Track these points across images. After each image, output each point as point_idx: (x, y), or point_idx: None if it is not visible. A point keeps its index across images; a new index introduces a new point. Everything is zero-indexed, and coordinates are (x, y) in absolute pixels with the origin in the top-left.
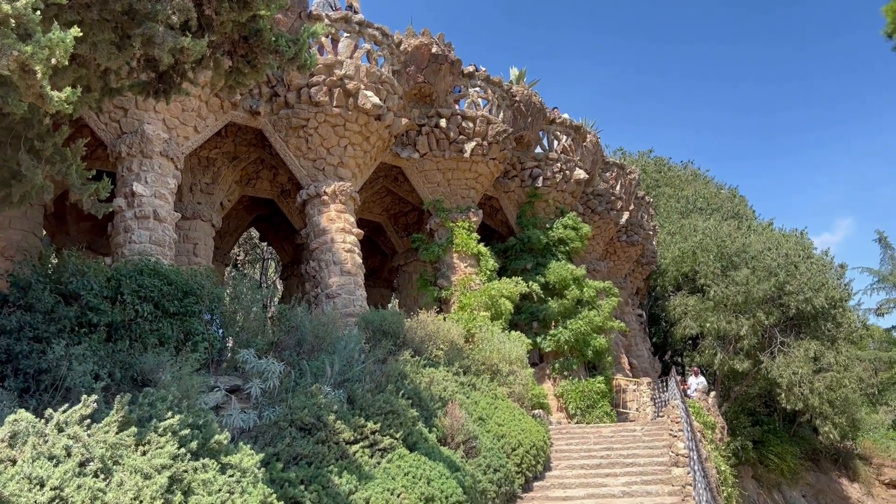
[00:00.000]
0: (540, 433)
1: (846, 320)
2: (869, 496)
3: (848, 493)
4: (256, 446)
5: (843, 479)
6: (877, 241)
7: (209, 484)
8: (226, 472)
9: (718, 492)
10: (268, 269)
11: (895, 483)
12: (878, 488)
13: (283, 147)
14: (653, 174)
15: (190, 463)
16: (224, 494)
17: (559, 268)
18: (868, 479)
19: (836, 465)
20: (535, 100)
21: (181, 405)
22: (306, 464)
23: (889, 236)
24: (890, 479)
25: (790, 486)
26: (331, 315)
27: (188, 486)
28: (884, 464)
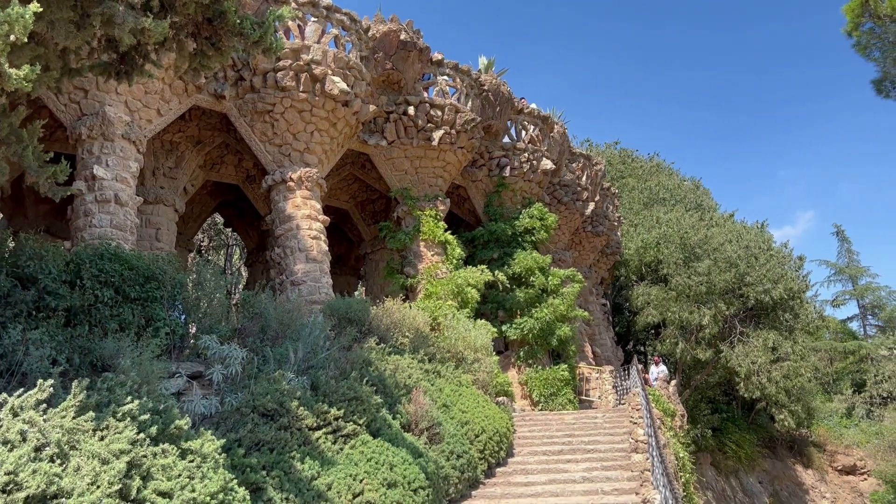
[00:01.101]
0: (503, 420)
1: (803, 311)
2: (822, 482)
3: (802, 479)
4: (218, 432)
5: (797, 465)
6: (834, 235)
7: (169, 469)
8: (186, 458)
9: (676, 477)
10: (232, 256)
11: (847, 469)
12: (832, 474)
13: (248, 132)
14: (618, 165)
15: (149, 448)
16: (184, 480)
17: (525, 257)
18: (822, 466)
19: (791, 452)
20: (504, 89)
21: (141, 391)
22: (268, 450)
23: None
24: (843, 466)
25: (747, 473)
26: (296, 302)
27: (147, 471)
28: (837, 451)
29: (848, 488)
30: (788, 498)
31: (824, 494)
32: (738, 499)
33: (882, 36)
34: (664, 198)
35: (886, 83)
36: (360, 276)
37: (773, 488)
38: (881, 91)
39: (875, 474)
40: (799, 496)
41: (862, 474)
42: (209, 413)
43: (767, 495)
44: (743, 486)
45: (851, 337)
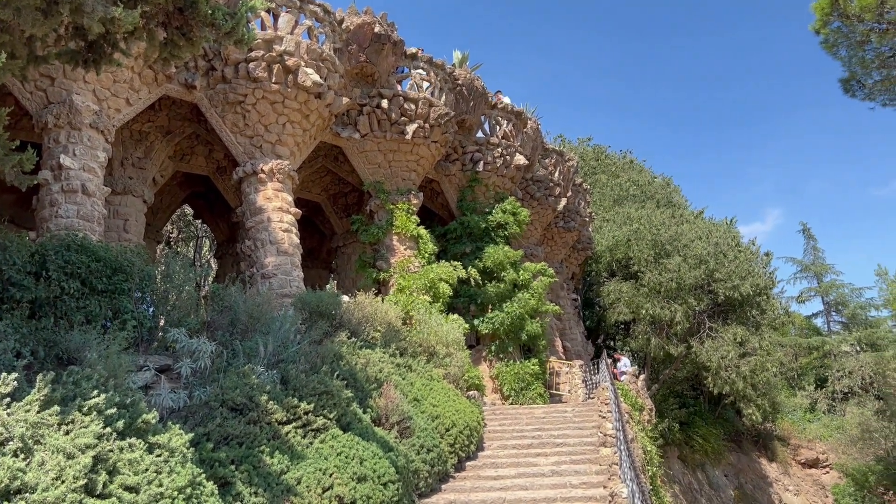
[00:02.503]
0: (474, 414)
1: (770, 307)
2: (786, 475)
3: (766, 472)
4: (186, 426)
5: (762, 459)
6: (801, 233)
7: (136, 464)
8: (153, 452)
9: (644, 471)
10: (202, 248)
11: (810, 463)
12: (795, 468)
13: (219, 123)
14: (591, 162)
15: (116, 442)
16: (151, 474)
17: (497, 251)
18: (785, 460)
19: (756, 446)
20: (478, 84)
21: (108, 384)
22: (237, 444)
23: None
24: (806, 459)
25: (713, 466)
26: (266, 295)
27: (113, 465)
28: (800, 445)
29: (810, 481)
30: (753, 491)
31: (787, 487)
32: (704, 492)
33: (849, 35)
34: (635, 194)
35: (853, 82)
36: (332, 270)
37: (739, 481)
38: (848, 90)
39: (836, 467)
40: (763, 489)
41: (824, 467)
42: (177, 407)
43: (733, 488)
44: (709, 480)
45: (816, 333)
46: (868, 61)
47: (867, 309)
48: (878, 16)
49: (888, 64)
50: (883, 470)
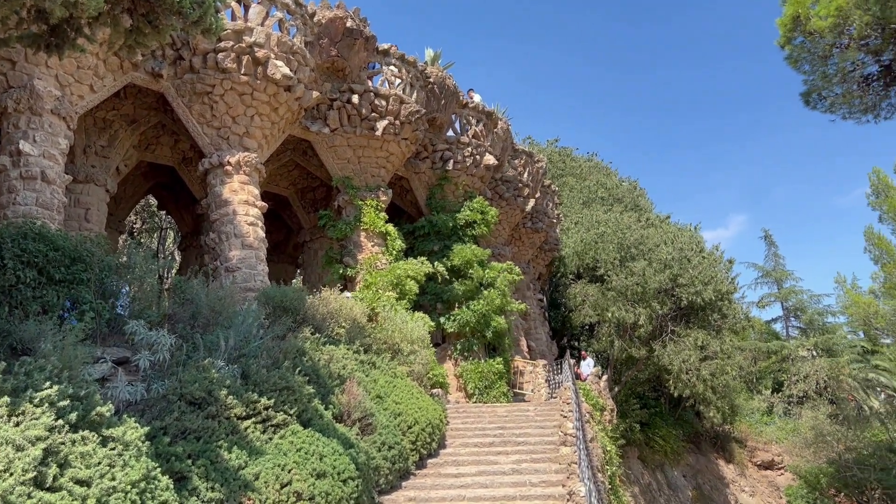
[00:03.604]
0: (437, 412)
1: (731, 312)
2: (742, 476)
3: (724, 473)
4: (143, 420)
5: (720, 460)
6: (763, 239)
7: (88, 457)
8: (107, 445)
9: (602, 470)
10: (166, 240)
11: (766, 464)
12: (751, 469)
13: (185, 113)
14: (558, 164)
15: (68, 435)
16: (104, 468)
17: (464, 250)
18: (742, 461)
19: (714, 448)
20: (450, 83)
21: (62, 376)
22: (195, 438)
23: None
24: (761, 461)
25: (672, 467)
26: (229, 289)
27: (65, 458)
28: (757, 447)
29: (766, 482)
30: (710, 491)
31: (743, 488)
32: (662, 492)
33: (811, 50)
34: (603, 197)
35: (814, 95)
36: (298, 265)
37: (697, 482)
38: (809, 103)
39: (790, 469)
40: (720, 489)
41: (779, 469)
42: (134, 400)
43: (691, 488)
44: (668, 480)
45: (774, 337)
46: (829, 76)
47: (824, 315)
48: (840, 32)
49: (848, 78)
50: (834, 472)
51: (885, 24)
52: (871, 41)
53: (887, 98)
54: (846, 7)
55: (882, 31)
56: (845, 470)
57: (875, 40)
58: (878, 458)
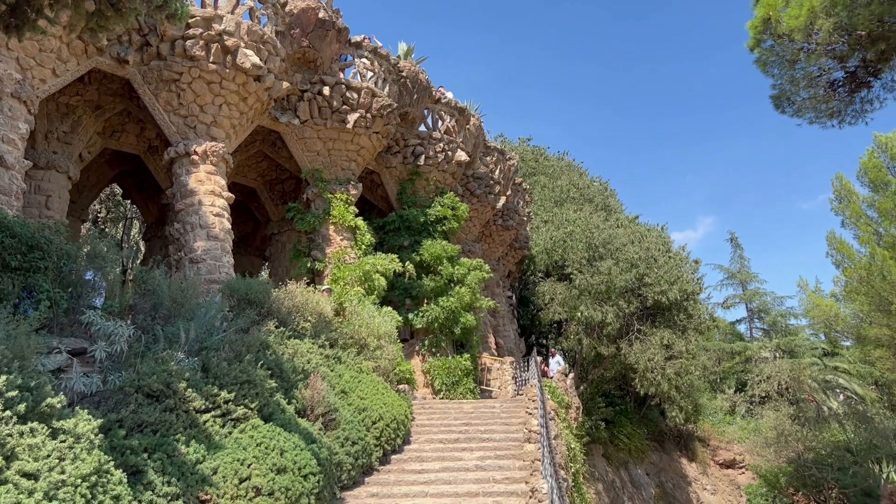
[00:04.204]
0: (402, 407)
1: (697, 312)
2: (704, 475)
3: (686, 471)
4: (98, 412)
5: (683, 458)
6: (729, 241)
7: (36, 449)
8: (57, 438)
9: (566, 468)
10: (131, 229)
11: (727, 463)
12: (713, 468)
13: (152, 100)
14: (530, 162)
15: (15, 427)
16: (53, 461)
17: (435, 245)
18: (704, 460)
19: (677, 446)
20: (422, 77)
21: (12, 366)
22: (152, 432)
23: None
24: (723, 460)
25: (636, 465)
26: (193, 280)
27: (11, 450)
28: (719, 446)
29: (727, 481)
30: (673, 489)
31: (705, 486)
32: (626, 490)
33: (781, 54)
34: (574, 196)
35: (783, 99)
36: (265, 258)
37: (660, 480)
38: (778, 106)
39: (751, 468)
40: (682, 488)
41: (740, 468)
42: (90, 392)
43: (654, 486)
44: (632, 478)
45: (738, 338)
46: (797, 79)
47: (787, 317)
48: (808, 36)
49: (815, 83)
50: (793, 472)
51: (851, 31)
52: (838, 47)
53: (852, 104)
54: (816, 11)
55: (848, 37)
56: (804, 469)
57: (841, 46)
58: (835, 458)
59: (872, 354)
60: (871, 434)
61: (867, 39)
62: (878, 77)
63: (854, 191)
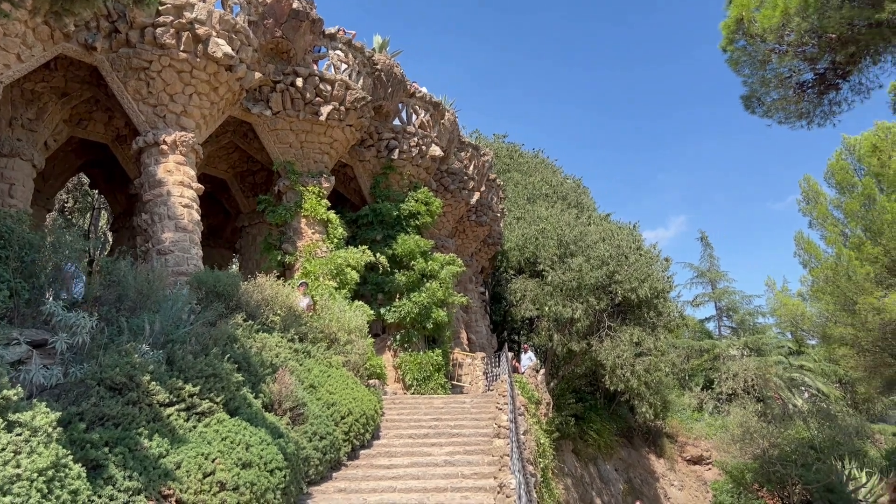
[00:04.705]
0: (372, 402)
1: (666, 310)
2: (672, 471)
3: (654, 467)
4: (58, 405)
5: (651, 454)
6: (699, 240)
7: None
8: (13, 431)
9: (535, 463)
10: (99, 220)
11: (695, 460)
12: (681, 464)
13: (120, 88)
14: (504, 159)
15: None
16: (7, 454)
17: (408, 240)
18: (672, 456)
19: (646, 442)
20: (397, 71)
21: None
22: (113, 425)
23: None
24: (691, 456)
25: (605, 460)
26: (160, 272)
27: None
28: (687, 442)
29: (694, 477)
30: (641, 485)
31: (673, 482)
32: (594, 485)
33: (752, 54)
34: (547, 194)
35: (753, 99)
36: (235, 250)
37: (628, 475)
38: (748, 107)
39: (717, 465)
40: (650, 483)
41: (707, 464)
42: (49, 384)
43: (622, 482)
44: (600, 473)
45: (707, 336)
46: (768, 80)
47: (755, 316)
48: (780, 37)
49: (785, 84)
50: (758, 468)
51: (822, 33)
52: (809, 49)
53: (820, 106)
54: (790, 13)
55: (819, 39)
56: (769, 466)
57: (812, 48)
58: (799, 455)
59: (837, 353)
60: (834, 431)
61: (837, 42)
62: (846, 79)
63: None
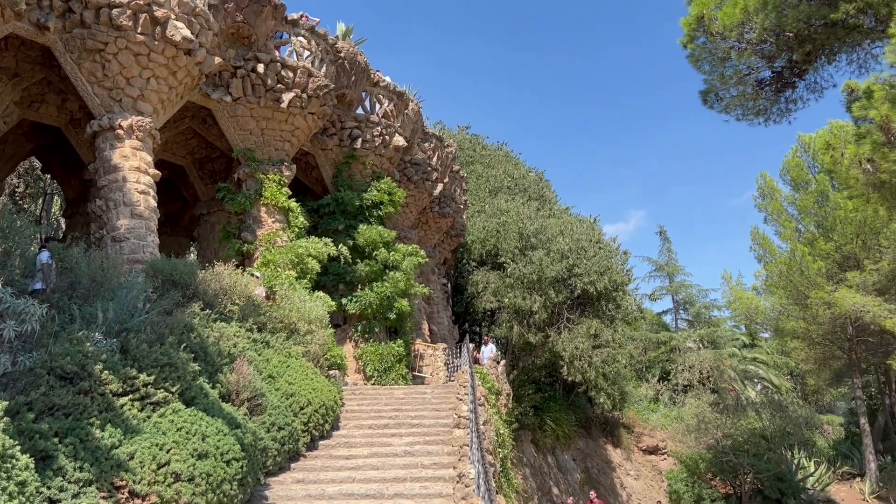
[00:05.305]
0: (332, 393)
1: (625, 303)
2: (628, 461)
3: (611, 457)
4: (5, 394)
5: (608, 445)
6: (658, 234)
7: None
8: None
9: (494, 453)
10: (51, 205)
11: (651, 450)
12: (637, 454)
13: (74, 70)
14: (468, 151)
15: None
16: None
17: (370, 230)
18: (629, 446)
19: (603, 433)
20: (361, 59)
21: None
22: (64, 415)
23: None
24: (647, 446)
25: (563, 450)
26: (114, 259)
27: None
28: (643, 432)
29: (650, 466)
30: (598, 475)
31: (629, 472)
32: (552, 475)
33: (713, 51)
34: (509, 186)
35: (712, 95)
36: (193, 239)
37: (586, 465)
38: (707, 102)
39: (673, 454)
40: (607, 473)
41: (662, 454)
42: None
43: (580, 472)
44: (558, 463)
45: (664, 329)
46: (727, 77)
47: (711, 309)
48: (740, 35)
49: (744, 81)
50: (712, 458)
51: (780, 32)
52: (767, 47)
53: (777, 103)
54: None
55: (777, 38)
56: (722, 455)
57: (770, 46)
58: (751, 445)
59: (788, 346)
60: (784, 422)
61: (795, 41)
62: (802, 78)
63: (777, 188)
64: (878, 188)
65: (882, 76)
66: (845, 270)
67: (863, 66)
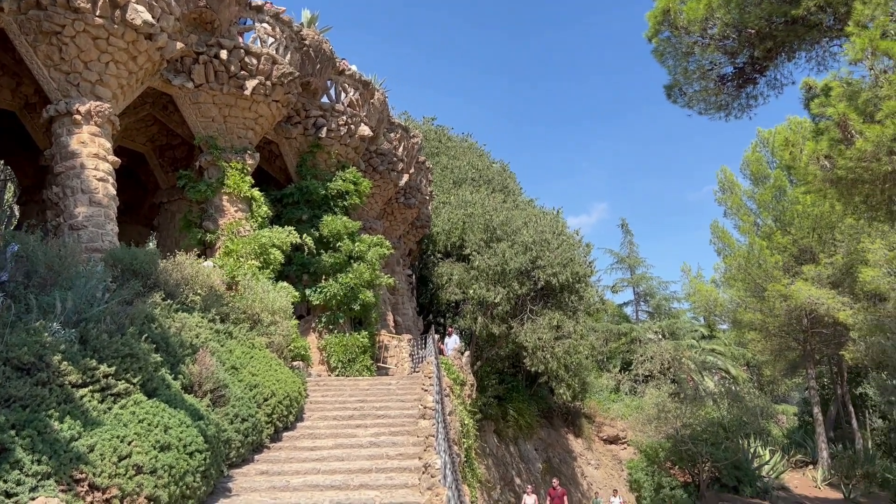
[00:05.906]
0: (296, 384)
1: (587, 294)
2: (589, 450)
3: (572, 447)
4: None
5: (569, 434)
6: (620, 227)
7: None
8: None
9: (459, 443)
10: (4, 192)
11: (611, 439)
12: (598, 443)
13: (29, 53)
14: (433, 142)
15: None
16: None
17: (335, 220)
18: (590, 436)
19: (565, 423)
20: (326, 47)
21: None
22: (21, 407)
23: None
24: (607, 436)
25: (525, 440)
26: (72, 248)
27: None
28: (604, 422)
29: (610, 456)
30: (559, 464)
31: (590, 461)
32: (515, 464)
33: (677, 46)
34: (474, 178)
35: (676, 90)
36: (153, 227)
37: (547, 455)
38: (671, 96)
39: (633, 444)
40: (568, 462)
41: (623, 444)
42: None
43: (541, 461)
44: (521, 453)
45: (625, 320)
46: (690, 72)
47: (671, 301)
48: (703, 30)
49: (706, 76)
50: (671, 447)
51: (742, 28)
52: (729, 43)
53: (738, 99)
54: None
55: (739, 34)
56: (681, 444)
57: (732, 42)
58: (709, 434)
59: (746, 337)
60: (741, 411)
61: (756, 37)
62: (763, 74)
63: (737, 183)
64: (835, 184)
65: (840, 74)
66: (801, 264)
67: (821, 64)
